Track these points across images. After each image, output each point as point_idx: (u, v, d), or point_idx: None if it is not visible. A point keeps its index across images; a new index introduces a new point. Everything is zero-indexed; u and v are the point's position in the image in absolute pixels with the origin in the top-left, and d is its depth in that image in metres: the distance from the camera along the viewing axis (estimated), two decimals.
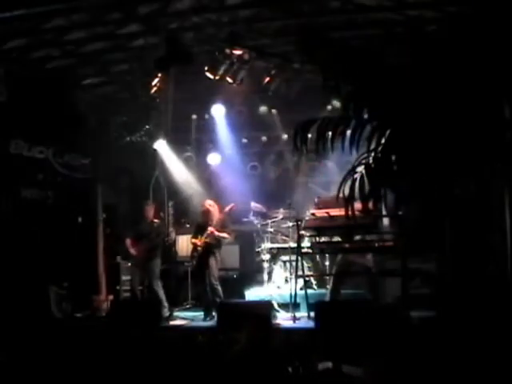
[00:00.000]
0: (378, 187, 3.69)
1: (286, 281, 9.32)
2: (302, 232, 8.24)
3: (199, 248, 8.59)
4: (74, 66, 9.26)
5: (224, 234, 8.57)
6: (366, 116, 3.73)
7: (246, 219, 10.09)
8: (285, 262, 9.55)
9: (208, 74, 8.45)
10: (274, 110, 10.41)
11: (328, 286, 8.90)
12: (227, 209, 8.62)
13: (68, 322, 8.46)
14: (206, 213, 8.70)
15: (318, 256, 9.28)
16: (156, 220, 9.07)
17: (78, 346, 6.09)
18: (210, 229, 8.47)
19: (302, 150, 3.82)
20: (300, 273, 8.16)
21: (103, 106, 10.22)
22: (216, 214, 8.68)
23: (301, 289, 8.17)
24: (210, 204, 8.76)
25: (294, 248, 8.45)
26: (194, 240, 8.74)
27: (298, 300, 8.04)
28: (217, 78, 8.46)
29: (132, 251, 8.74)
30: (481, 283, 6.16)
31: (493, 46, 3.67)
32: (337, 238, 8.20)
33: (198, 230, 8.78)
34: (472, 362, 4.72)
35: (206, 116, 10.72)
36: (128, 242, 8.84)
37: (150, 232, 8.82)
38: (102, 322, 8.28)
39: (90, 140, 9.95)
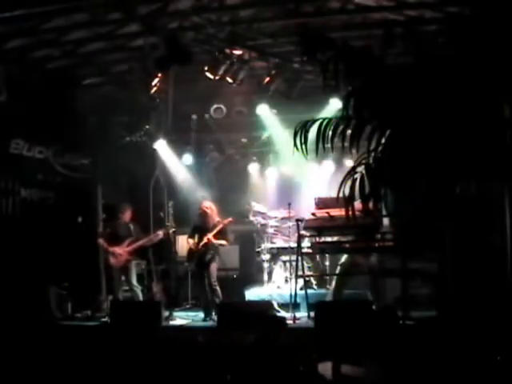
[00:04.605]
0: (377, 187, 3.69)
1: (286, 281, 9.32)
2: (302, 232, 8.24)
3: (196, 251, 8.59)
4: (74, 66, 9.25)
5: (222, 242, 8.54)
6: (366, 116, 3.73)
7: (246, 219, 10.09)
8: (285, 261, 9.56)
9: (208, 74, 8.45)
10: (274, 110, 10.41)
11: (328, 286, 8.92)
12: (226, 221, 8.60)
13: (68, 322, 8.46)
14: (203, 215, 8.66)
15: (317, 256, 9.28)
16: (131, 222, 9.00)
17: (78, 346, 6.09)
18: (208, 237, 8.45)
19: (302, 150, 3.81)
20: (300, 273, 8.16)
21: (103, 106, 10.22)
22: (214, 216, 8.63)
23: (301, 289, 8.18)
24: (207, 206, 8.69)
25: (293, 248, 8.45)
26: (190, 240, 8.72)
27: (298, 300, 8.05)
28: (217, 77, 8.46)
29: (118, 251, 8.73)
30: (481, 283, 6.16)
31: (493, 46, 3.67)
32: (337, 238, 8.22)
33: (195, 231, 8.75)
34: (472, 361, 4.73)
35: (206, 116, 10.71)
36: (102, 242, 8.83)
37: (128, 234, 8.82)
38: (102, 322, 8.30)
39: (89, 140, 9.94)
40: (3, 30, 7.61)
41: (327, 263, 9.23)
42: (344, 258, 8.30)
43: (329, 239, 8.33)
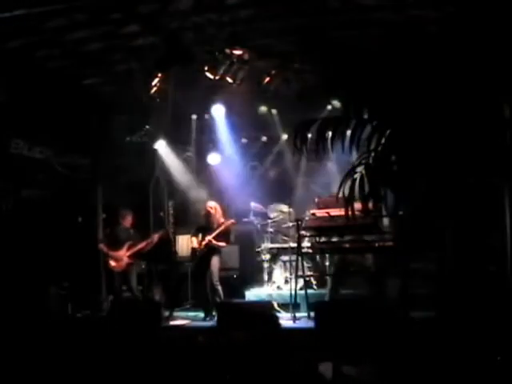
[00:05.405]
0: (377, 187, 3.69)
1: (286, 281, 9.32)
2: (302, 232, 8.24)
3: (198, 250, 8.60)
4: (75, 65, 9.24)
5: (222, 243, 8.56)
6: (365, 116, 3.74)
7: (246, 219, 10.09)
8: (285, 261, 9.55)
9: (208, 74, 8.45)
10: (273, 110, 10.40)
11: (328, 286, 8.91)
12: (228, 223, 8.61)
13: (68, 322, 8.46)
14: (207, 215, 8.69)
15: (317, 256, 9.28)
16: (131, 228, 9.06)
17: (78, 346, 6.09)
18: (208, 238, 8.48)
19: (302, 150, 3.82)
20: (300, 273, 8.16)
21: (103, 106, 10.21)
22: (218, 216, 8.65)
23: (301, 289, 8.17)
24: (211, 206, 8.72)
25: (293, 248, 8.45)
26: (194, 239, 8.74)
27: (298, 300, 8.05)
28: (217, 77, 8.46)
29: (119, 255, 8.74)
30: (481, 283, 6.16)
31: (492, 46, 3.67)
32: (337, 238, 8.21)
33: (199, 230, 8.78)
34: (472, 361, 4.73)
35: (206, 116, 10.71)
36: (103, 247, 8.89)
37: (128, 238, 8.87)
38: (102, 322, 8.29)
39: (89, 140, 9.94)
40: (3, 29, 7.60)
41: (327, 263, 9.23)
42: (335, 257, 8.32)
43: (329, 239, 8.33)
